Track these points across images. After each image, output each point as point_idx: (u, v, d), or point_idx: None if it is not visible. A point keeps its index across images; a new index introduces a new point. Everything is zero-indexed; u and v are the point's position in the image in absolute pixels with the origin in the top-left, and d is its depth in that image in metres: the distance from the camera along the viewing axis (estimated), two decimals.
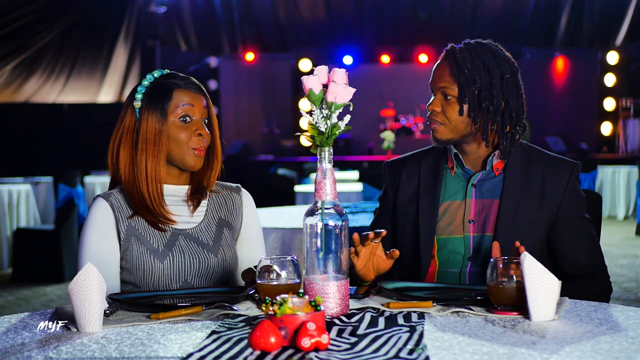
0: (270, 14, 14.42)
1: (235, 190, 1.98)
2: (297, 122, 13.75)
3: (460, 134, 1.89)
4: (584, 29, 13.92)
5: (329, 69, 1.47)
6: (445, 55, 1.92)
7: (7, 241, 6.73)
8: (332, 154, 1.44)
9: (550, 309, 1.36)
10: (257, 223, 1.99)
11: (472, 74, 1.85)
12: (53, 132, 11.74)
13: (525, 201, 1.86)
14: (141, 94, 1.81)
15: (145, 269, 1.76)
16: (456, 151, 1.94)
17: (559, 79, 13.97)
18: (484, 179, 1.92)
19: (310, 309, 1.20)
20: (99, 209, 1.80)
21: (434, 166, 1.98)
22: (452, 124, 1.87)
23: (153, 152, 1.78)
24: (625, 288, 5.61)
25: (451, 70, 1.87)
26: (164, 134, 1.79)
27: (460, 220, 1.90)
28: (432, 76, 1.93)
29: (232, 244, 1.90)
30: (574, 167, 1.91)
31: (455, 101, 1.87)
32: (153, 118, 1.79)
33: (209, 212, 1.89)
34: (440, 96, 1.89)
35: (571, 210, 1.87)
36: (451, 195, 1.93)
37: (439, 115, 1.89)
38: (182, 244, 1.81)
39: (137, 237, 1.79)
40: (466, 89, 1.85)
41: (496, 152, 1.90)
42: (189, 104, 1.80)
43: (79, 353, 1.20)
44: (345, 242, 1.44)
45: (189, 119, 1.80)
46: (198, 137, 1.80)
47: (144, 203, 1.79)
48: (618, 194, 10.07)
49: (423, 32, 14.01)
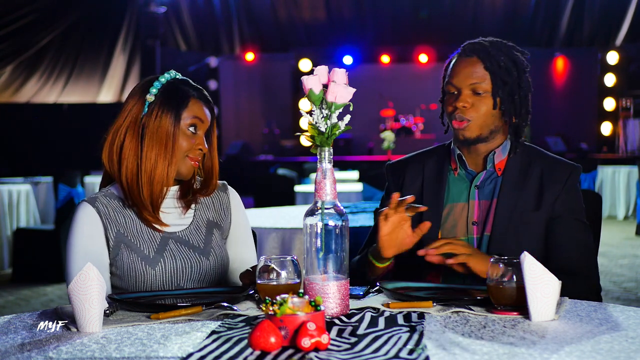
0: (270, 14, 14.43)
1: (221, 188, 1.95)
2: (297, 122, 13.75)
3: (489, 129, 1.87)
4: (584, 29, 13.93)
5: (329, 69, 1.47)
6: (472, 51, 1.88)
7: (7, 241, 6.73)
8: (332, 154, 1.44)
9: (550, 309, 1.36)
10: (246, 221, 1.97)
11: (507, 66, 1.86)
12: (53, 132, 11.75)
13: (522, 201, 1.86)
14: (157, 90, 1.79)
15: (137, 276, 1.75)
16: (460, 152, 1.93)
17: (559, 79, 13.98)
18: (486, 180, 1.91)
19: (310, 309, 1.19)
20: (84, 214, 1.76)
21: (438, 168, 1.97)
22: (482, 119, 1.85)
23: (165, 153, 1.76)
24: (625, 288, 5.61)
25: (485, 64, 1.86)
26: (177, 137, 1.77)
27: (464, 222, 1.89)
28: (457, 74, 1.88)
29: (222, 244, 1.88)
30: (573, 169, 1.89)
31: (488, 96, 1.85)
32: (167, 119, 1.76)
33: (197, 213, 1.87)
34: (469, 92, 1.86)
35: (565, 211, 1.85)
36: (455, 197, 1.92)
37: (468, 111, 1.85)
38: (173, 248, 1.79)
39: (127, 244, 1.76)
40: (502, 82, 1.85)
41: (496, 149, 1.90)
42: (200, 118, 1.80)
43: (79, 353, 1.20)
44: (346, 242, 1.44)
45: (195, 132, 1.80)
46: (198, 151, 1.80)
47: (143, 202, 1.76)
48: (618, 194, 10.06)
49: (423, 32, 14.01)
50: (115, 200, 1.80)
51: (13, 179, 8.06)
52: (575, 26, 13.95)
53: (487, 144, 1.90)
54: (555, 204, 1.85)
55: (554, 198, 1.85)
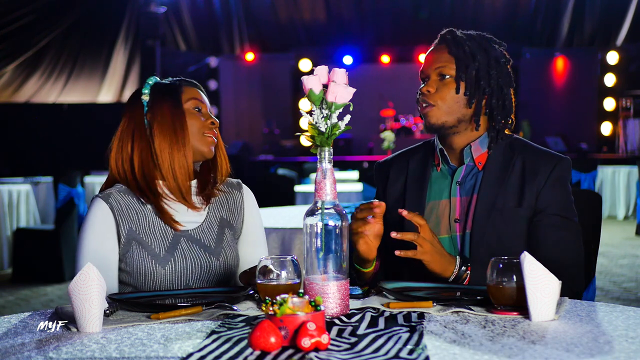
0: (270, 14, 14.43)
1: (236, 187, 1.95)
2: (297, 122, 13.75)
3: (455, 116, 1.83)
4: (584, 29, 13.93)
5: (329, 69, 1.47)
6: (441, 38, 1.89)
7: (7, 241, 6.73)
8: (332, 154, 1.44)
9: (550, 309, 1.36)
10: (259, 221, 1.97)
11: (472, 51, 1.84)
12: (53, 132, 11.75)
13: (502, 197, 1.80)
14: (149, 89, 1.83)
15: (146, 274, 1.75)
16: (441, 147, 1.90)
17: (559, 79, 13.98)
18: (467, 175, 1.87)
19: (310, 309, 1.19)
20: (98, 210, 1.77)
21: (422, 164, 1.95)
22: (447, 104, 1.82)
23: (177, 142, 1.77)
24: (625, 288, 5.61)
25: (450, 49, 1.85)
26: (184, 121, 1.79)
27: (447, 219, 1.85)
28: (426, 61, 1.88)
29: (233, 244, 1.88)
30: (558, 161, 1.81)
31: (452, 80, 1.83)
32: (169, 106, 1.79)
33: (210, 211, 1.87)
34: (435, 77, 1.85)
35: (548, 207, 1.78)
36: (437, 194, 1.89)
37: (432, 96, 1.83)
38: (184, 247, 1.79)
39: (138, 241, 1.76)
40: (465, 66, 1.82)
41: (473, 142, 1.86)
42: (198, 99, 1.84)
43: (79, 353, 1.20)
44: (346, 242, 1.44)
45: (199, 110, 1.84)
46: (210, 125, 1.83)
47: (173, 193, 1.78)
48: (618, 194, 10.07)
49: (423, 32, 13.98)
50: (129, 196, 1.80)
51: (13, 179, 8.06)
52: (576, 26, 13.95)
53: (459, 135, 1.86)
54: (537, 198, 1.79)
55: (536, 192, 1.79)
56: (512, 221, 1.79)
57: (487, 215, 1.80)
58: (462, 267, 1.72)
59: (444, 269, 1.70)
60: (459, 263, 1.72)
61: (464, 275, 1.72)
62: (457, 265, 1.72)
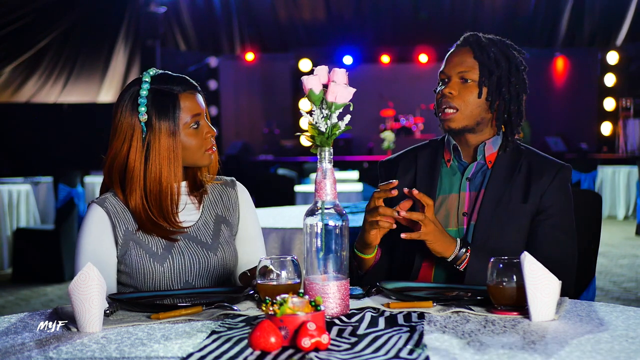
0: (270, 14, 14.42)
1: (230, 184, 1.95)
2: (297, 122, 13.74)
3: (475, 120, 1.88)
4: (584, 29, 13.92)
5: (329, 69, 1.47)
6: (465, 41, 1.93)
7: (7, 241, 6.73)
8: (332, 154, 1.44)
9: (550, 309, 1.36)
10: (255, 217, 1.97)
11: (497, 58, 1.88)
12: (53, 132, 11.74)
13: (509, 193, 1.87)
14: (144, 106, 1.75)
15: (145, 273, 1.76)
16: (455, 143, 1.94)
17: (559, 79, 13.97)
18: (477, 172, 1.93)
19: (310, 309, 1.20)
20: (94, 215, 1.78)
21: (431, 159, 1.99)
22: (468, 108, 1.87)
23: (169, 167, 1.76)
24: (625, 288, 5.61)
25: (474, 53, 1.89)
26: (178, 148, 1.77)
27: (455, 213, 1.91)
28: (448, 62, 1.92)
29: (230, 240, 1.89)
30: (561, 167, 1.90)
31: (474, 85, 1.88)
32: (165, 133, 1.75)
33: (205, 208, 1.88)
34: (456, 79, 1.89)
35: (551, 207, 1.86)
36: (447, 188, 1.94)
37: (455, 99, 1.87)
38: (182, 244, 1.80)
39: (136, 241, 1.77)
40: (489, 72, 1.87)
41: (487, 141, 1.92)
42: (196, 112, 1.79)
43: (79, 353, 1.20)
44: (346, 242, 1.44)
45: (197, 126, 1.80)
46: (210, 138, 1.82)
47: (160, 216, 1.77)
48: (618, 194, 10.06)
49: (423, 32, 14.01)
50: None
51: (13, 179, 8.06)
52: (576, 26, 13.94)
53: (476, 135, 1.92)
54: (542, 198, 1.86)
55: (541, 192, 1.86)
56: (516, 216, 1.86)
57: (493, 208, 1.86)
58: (462, 248, 1.78)
59: (445, 249, 1.77)
60: (459, 244, 1.78)
61: (463, 256, 1.78)
62: (457, 246, 1.78)
